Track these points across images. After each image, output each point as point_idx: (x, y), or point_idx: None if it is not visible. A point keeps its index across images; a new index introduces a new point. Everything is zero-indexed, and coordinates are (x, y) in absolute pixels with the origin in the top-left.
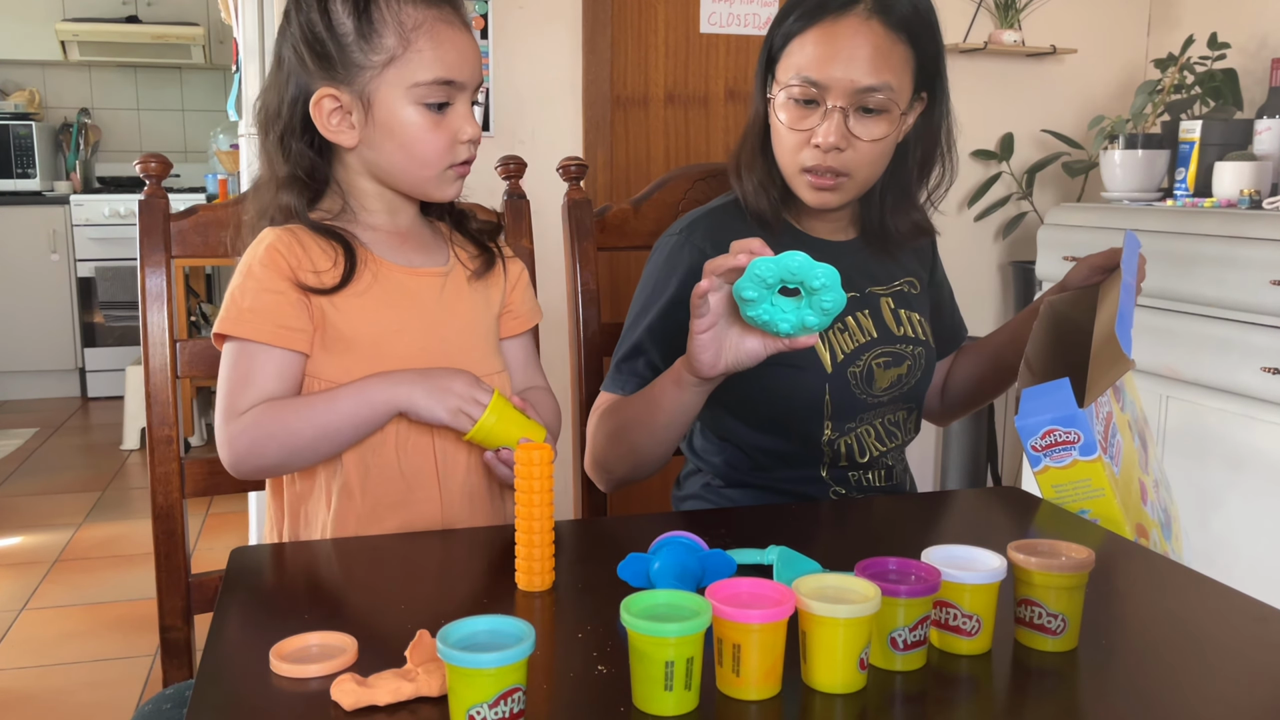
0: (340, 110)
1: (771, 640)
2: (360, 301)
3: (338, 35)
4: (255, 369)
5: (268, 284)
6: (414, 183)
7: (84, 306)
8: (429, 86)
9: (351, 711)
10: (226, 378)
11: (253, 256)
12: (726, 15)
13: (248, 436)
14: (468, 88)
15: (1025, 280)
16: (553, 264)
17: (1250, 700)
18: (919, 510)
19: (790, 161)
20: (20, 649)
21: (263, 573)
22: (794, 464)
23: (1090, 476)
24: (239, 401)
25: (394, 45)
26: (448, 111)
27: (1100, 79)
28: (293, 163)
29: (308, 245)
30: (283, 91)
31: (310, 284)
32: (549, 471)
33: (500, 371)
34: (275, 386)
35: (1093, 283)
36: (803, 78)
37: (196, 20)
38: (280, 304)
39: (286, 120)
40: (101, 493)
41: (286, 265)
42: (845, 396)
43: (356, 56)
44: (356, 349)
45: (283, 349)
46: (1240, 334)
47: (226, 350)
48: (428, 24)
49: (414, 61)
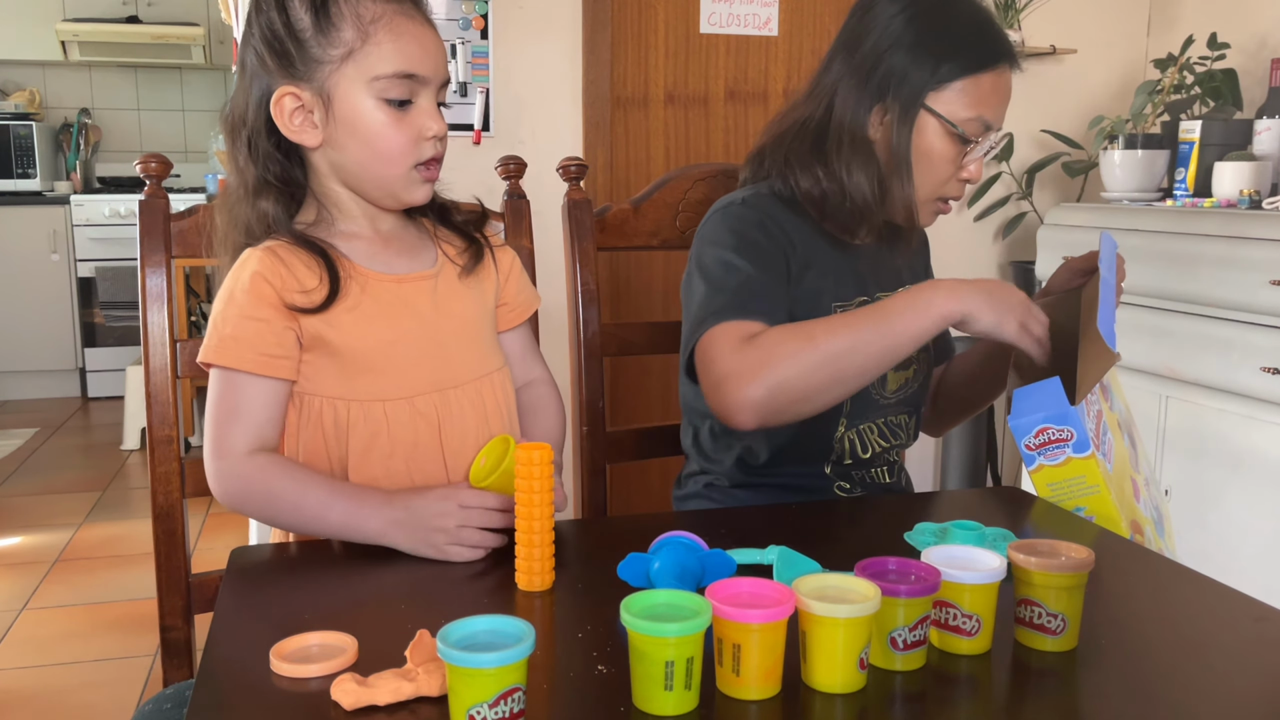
0: (302, 109)
1: (771, 640)
2: (353, 316)
3: (295, 32)
4: (242, 401)
5: (250, 311)
6: (380, 184)
7: (84, 306)
8: (389, 80)
9: (351, 711)
10: (214, 408)
11: (235, 282)
12: (726, 15)
13: (237, 486)
14: (430, 83)
15: (1025, 280)
16: (553, 264)
17: (1249, 699)
18: (919, 510)
19: (933, 189)
20: (20, 649)
21: (263, 573)
22: (802, 459)
23: (1085, 473)
24: (227, 435)
25: (352, 39)
26: (410, 109)
27: (1100, 79)
28: (261, 166)
29: (292, 264)
30: (247, 95)
31: (300, 304)
32: (549, 471)
33: (500, 369)
34: (263, 416)
35: (1074, 286)
36: (983, 120)
37: (196, 20)
38: (263, 331)
39: (252, 123)
40: (102, 493)
41: (271, 290)
42: (861, 394)
43: (315, 52)
44: (355, 363)
45: (268, 377)
46: (1240, 334)
47: (213, 379)
48: (386, 17)
49: (373, 55)
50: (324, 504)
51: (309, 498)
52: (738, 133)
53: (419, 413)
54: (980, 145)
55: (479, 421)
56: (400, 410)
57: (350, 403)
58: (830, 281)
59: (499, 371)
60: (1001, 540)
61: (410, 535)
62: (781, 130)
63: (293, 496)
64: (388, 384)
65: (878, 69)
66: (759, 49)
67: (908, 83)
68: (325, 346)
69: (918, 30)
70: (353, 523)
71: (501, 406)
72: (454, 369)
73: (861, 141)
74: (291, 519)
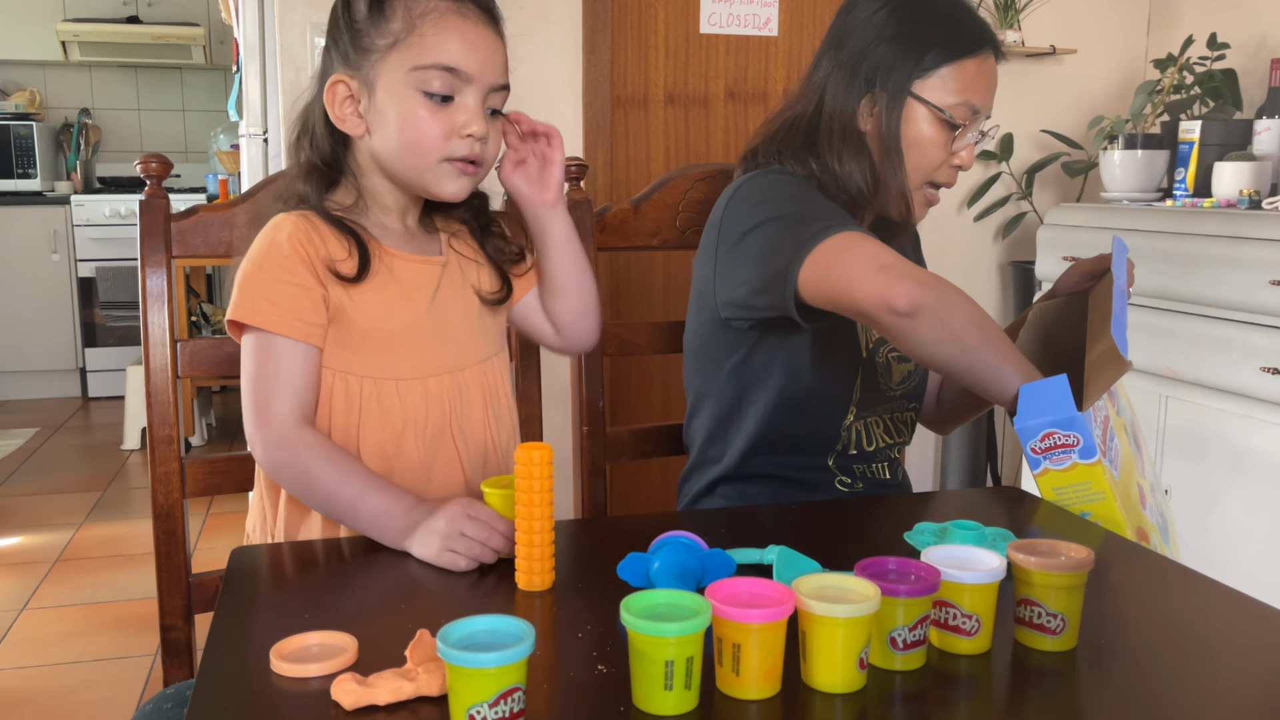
0: (350, 99)
1: (771, 640)
2: (378, 295)
3: (353, 21)
4: (284, 366)
5: (288, 275)
6: (410, 172)
7: (84, 306)
8: (427, 71)
9: (351, 711)
10: (255, 374)
11: (269, 242)
12: (726, 15)
13: (280, 456)
14: (475, 81)
15: (1025, 280)
16: None
17: (1250, 700)
18: (919, 510)
19: (925, 175)
20: (20, 649)
21: (263, 573)
22: (805, 450)
23: (1090, 479)
24: (271, 402)
25: (399, 29)
26: (452, 105)
27: (1100, 79)
28: (314, 149)
29: (324, 234)
30: (318, 81)
31: (341, 271)
32: (549, 471)
33: (499, 353)
34: (302, 383)
35: (1083, 289)
36: (970, 105)
37: (197, 20)
38: (299, 297)
39: (314, 108)
40: (102, 493)
41: (307, 254)
42: (871, 384)
43: (365, 41)
44: (373, 340)
45: (305, 343)
46: (1240, 334)
47: (249, 342)
48: (437, 12)
49: (416, 46)
50: (359, 495)
51: (347, 488)
52: (738, 133)
53: (431, 393)
54: (969, 130)
55: (484, 404)
56: (414, 389)
57: (364, 379)
58: None
59: (498, 356)
60: (1001, 540)
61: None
62: (773, 129)
63: (331, 482)
64: (403, 363)
65: (864, 62)
66: (759, 49)
67: (894, 72)
68: (344, 321)
69: (900, 22)
70: (383, 521)
71: (501, 390)
72: (462, 353)
73: (852, 133)
74: (324, 502)
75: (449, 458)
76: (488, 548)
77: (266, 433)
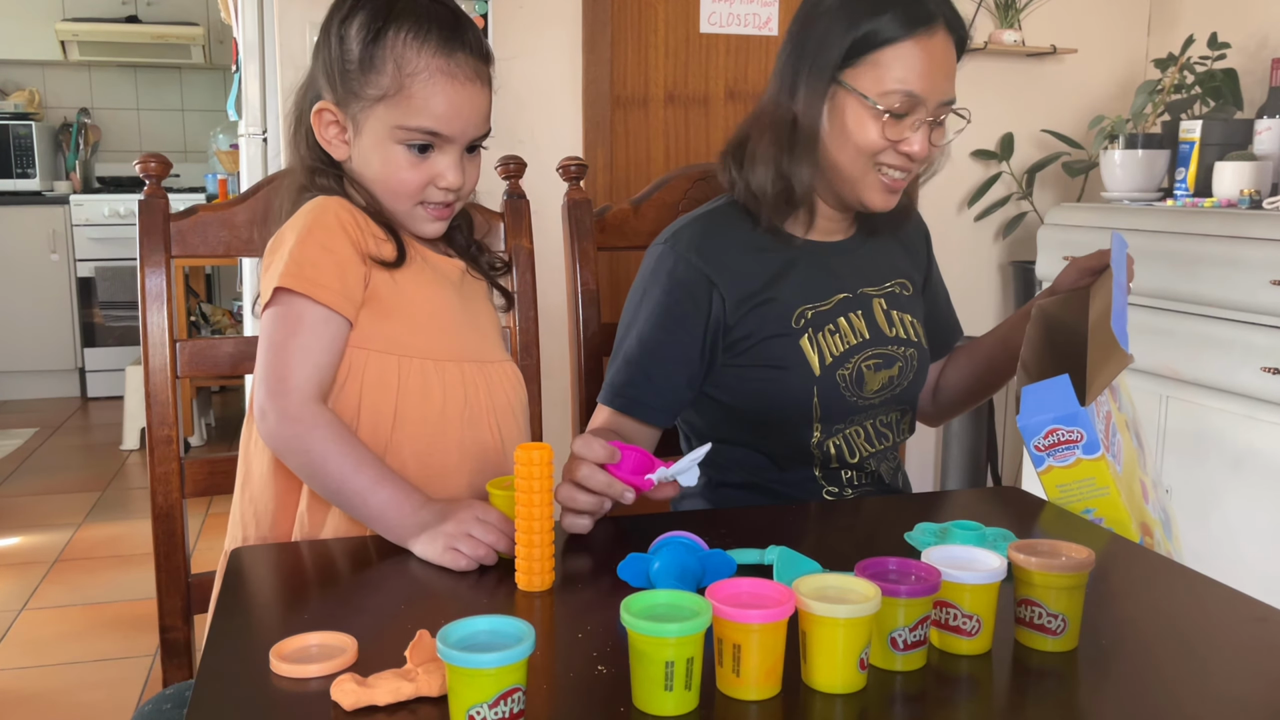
0: (336, 125)
1: (771, 640)
2: (416, 280)
3: (345, 59)
4: (310, 336)
5: (334, 248)
6: (388, 207)
7: (84, 306)
8: (410, 132)
9: (351, 711)
10: (279, 343)
11: (314, 218)
12: (726, 15)
13: (290, 430)
14: (455, 141)
15: (1025, 280)
16: (553, 264)
17: (1250, 700)
18: (919, 510)
19: (864, 164)
20: (20, 649)
21: (263, 573)
22: (784, 465)
23: (1094, 475)
24: (289, 371)
25: (388, 85)
26: (431, 155)
27: (1100, 79)
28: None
29: (362, 218)
30: (306, 91)
31: (385, 256)
32: (549, 471)
33: (506, 360)
34: (325, 359)
35: (1082, 285)
36: (906, 90)
37: (196, 20)
38: (345, 271)
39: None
40: (101, 493)
41: (353, 233)
42: (834, 399)
43: (355, 85)
44: (412, 322)
45: (339, 315)
46: (1240, 334)
47: (276, 312)
48: (426, 73)
49: (402, 106)
50: (371, 486)
51: (360, 476)
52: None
53: (466, 377)
54: (913, 117)
55: (509, 399)
56: (450, 371)
57: (400, 358)
58: (798, 287)
59: (504, 362)
60: (1002, 540)
61: (427, 538)
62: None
63: (346, 467)
64: (438, 346)
65: (804, 47)
66: (759, 49)
67: (819, 56)
68: (381, 304)
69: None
70: (391, 514)
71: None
72: (490, 347)
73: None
74: (332, 484)
75: (485, 442)
76: (491, 549)
77: (281, 403)
